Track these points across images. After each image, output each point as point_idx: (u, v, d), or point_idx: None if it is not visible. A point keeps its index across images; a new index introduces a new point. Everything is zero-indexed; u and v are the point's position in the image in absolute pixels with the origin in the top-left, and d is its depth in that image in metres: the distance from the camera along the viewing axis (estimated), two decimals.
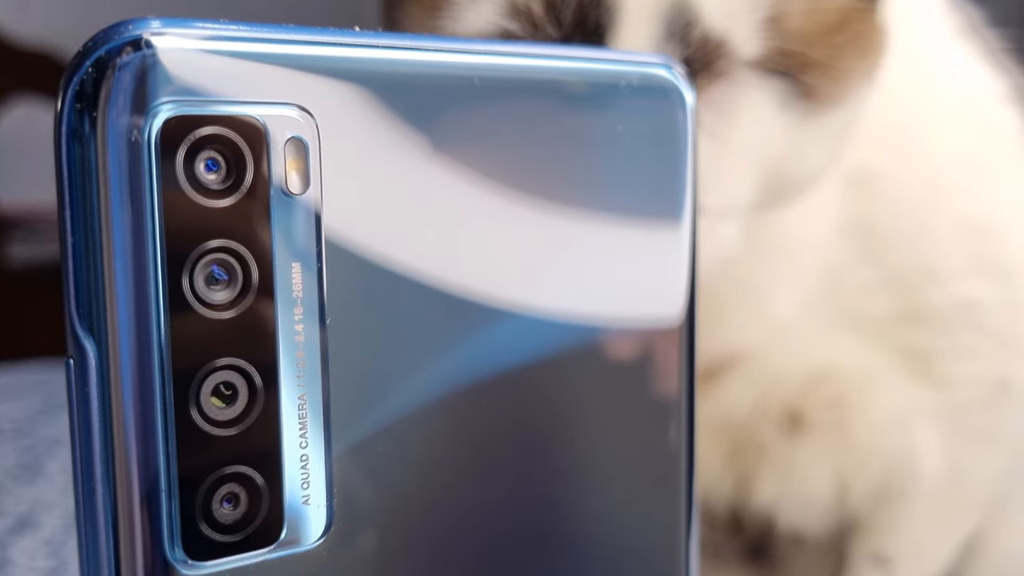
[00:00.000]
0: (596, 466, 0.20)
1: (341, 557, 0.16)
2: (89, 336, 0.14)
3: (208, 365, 0.15)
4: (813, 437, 0.41)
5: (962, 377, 0.39)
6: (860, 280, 0.37)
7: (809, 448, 0.41)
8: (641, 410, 0.20)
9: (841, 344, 0.38)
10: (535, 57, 0.18)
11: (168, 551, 0.15)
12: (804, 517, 0.43)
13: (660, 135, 0.20)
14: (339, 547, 0.16)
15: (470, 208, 0.17)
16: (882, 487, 0.41)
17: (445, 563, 0.18)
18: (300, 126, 0.15)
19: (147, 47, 0.14)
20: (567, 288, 0.19)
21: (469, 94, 0.17)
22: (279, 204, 0.15)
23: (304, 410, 0.16)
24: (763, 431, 0.41)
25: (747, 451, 0.42)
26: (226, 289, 0.15)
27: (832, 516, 0.42)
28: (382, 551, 0.17)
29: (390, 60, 0.16)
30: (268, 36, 0.15)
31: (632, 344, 0.20)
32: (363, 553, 0.16)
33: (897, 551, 0.41)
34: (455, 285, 0.17)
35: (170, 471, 0.15)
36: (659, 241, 0.20)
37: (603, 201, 0.19)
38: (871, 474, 0.41)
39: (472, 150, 0.17)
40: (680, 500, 0.21)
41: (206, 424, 0.15)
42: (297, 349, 0.16)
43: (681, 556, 0.21)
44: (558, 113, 0.18)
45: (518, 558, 0.19)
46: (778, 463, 0.42)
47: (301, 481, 0.16)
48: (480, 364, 0.18)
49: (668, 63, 0.20)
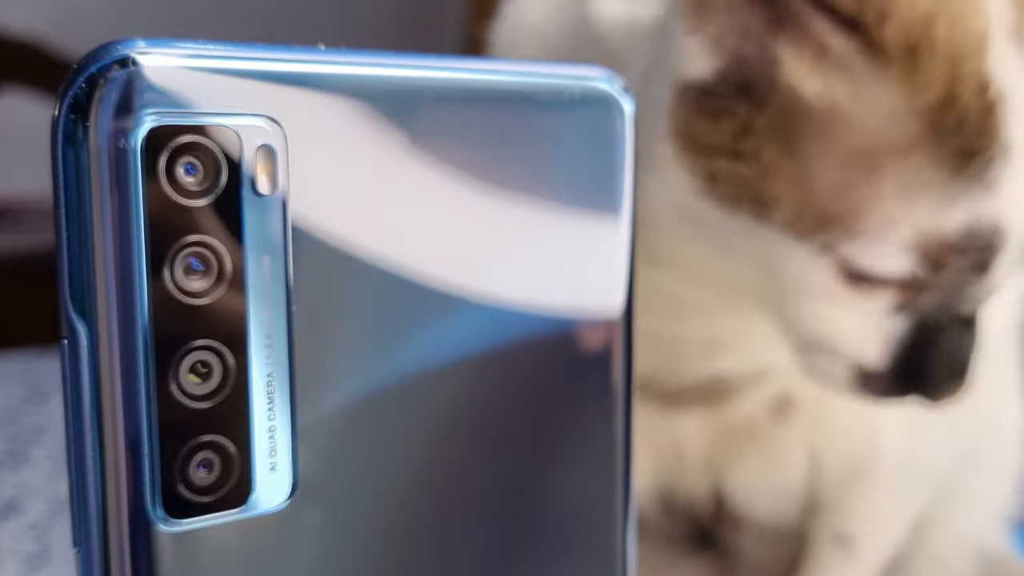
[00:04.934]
0: (540, 450, 0.21)
1: (303, 518, 0.18)
2: (81, 319, 0.16)
3: (186, 346, 0.17)
4: (798, 419, 0.42)
5: None
6: None
7: (792, 430, 0.42)
8: (584, 397, 0.22)
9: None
10: (486, 72, 0.20)
11: (150, 510, 0.16)
12: (776, 501, 0.44)
13: (601, 141, 0.21)
14: (302, 509, 0.18)
15: (426, 204, 0.19)
16: (850, 467, 0.42)
17: (396, 528, 0.19)
18: (269, 134, 0.17)
19: (133, 64, 0.16)
20: (515, 282, 0.20)
21: (425, 103, 0.19)
22: (250, 203, 0.17)
23: (272, 387, 0.17)
24: (755, 416, 0.42)
25: (733, 435, 0.43)
26: (203, 279, 0.17)
27: (801, 499, 0.44)
28: (340, 514, 0.19)
29: (352, 75, 0.18)
30: (241, 54, 0.17)
31: (576, 334, 0.22)
32: (323, 515, 0.18)
33: (858, 530, 0.43)
34: (412, 275, 0.19)
35: (152, 439, 0.16)
36: (601, 237, 0.22)
37: (549, 201, 0.21)
38: (842, 454, 0.42)
39: (428, 152, 0.19)
40: (617, 486, 0.22)
41: (184, 398, 0.17)
42: (266, 332, 0.17)
43: (618, 540, 0.23)
44: (509, 120, 0.20)
45: (467, 531, 0.20)
46: (762, 446, 0.43)
47: (269, 450, 0.18)
48: (432, 351, 0.19)
49: (609, 76, 0.21)
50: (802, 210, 0.29)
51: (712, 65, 0.30)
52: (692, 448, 0.43)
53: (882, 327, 0.31)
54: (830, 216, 0.29)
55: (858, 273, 0.30)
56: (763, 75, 0.29)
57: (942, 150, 0.28)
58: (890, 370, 0.32)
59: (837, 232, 0.29)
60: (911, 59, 0.28)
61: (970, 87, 0.28)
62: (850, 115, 0.28)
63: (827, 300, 0.31)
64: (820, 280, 0.30)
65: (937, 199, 0.28)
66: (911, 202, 0.28)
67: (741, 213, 0.30)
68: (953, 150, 0.28)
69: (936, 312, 0.31)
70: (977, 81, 0.28)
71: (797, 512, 0.44)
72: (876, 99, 0.28)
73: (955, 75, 0.28)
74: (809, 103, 0.28)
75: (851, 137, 0.29)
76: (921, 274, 0.29)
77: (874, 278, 0.30)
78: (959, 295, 0.30)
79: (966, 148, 0.28)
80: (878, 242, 0.29)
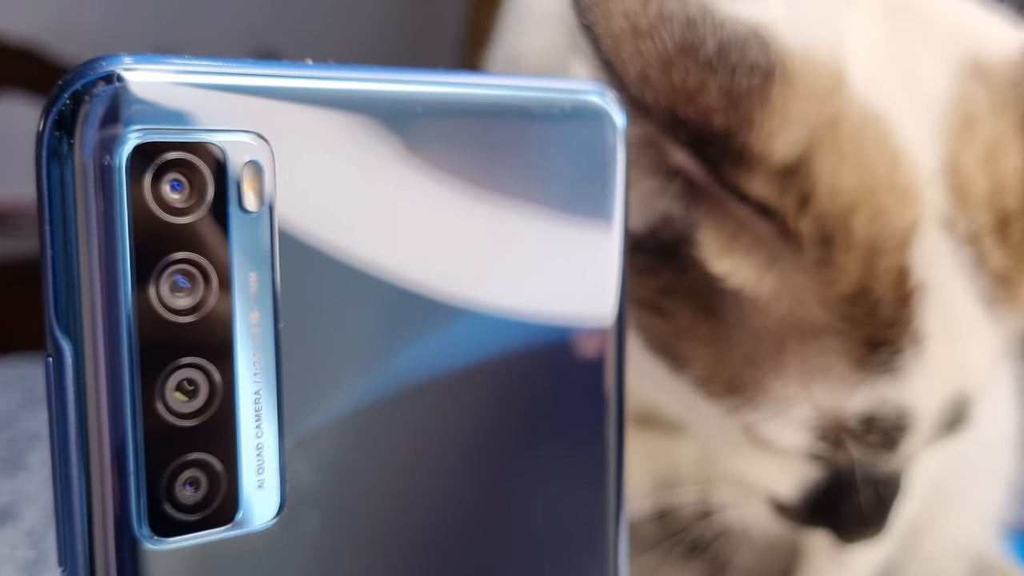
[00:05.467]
0: (532, 460, 0.21)
1: (291, 536, 0.18)
2: (66, 337, 0.16)
3: (172, 363, 0.16)
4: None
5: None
6: None
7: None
8: (576, 406, 0.22)
9: None
10: (477, 86, 0.20)
11: (136, 528, 0.16)
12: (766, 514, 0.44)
13: (593, 153, 0.21)
14: (290, 527, 0.18)
15: (416, 218, 0.19)
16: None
17: (386, 543, 0.19)
18: (256, 150, 0.17)
19: (118, 81, 0.16)
20: (507, 293, 0.20)
21: (415, 117, 0.19)
22: (237, 220, 0.17)
23: (260, 404, 0.17)
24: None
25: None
26: (189, 296, 0.17)
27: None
28: (329, 532, 0.18)
29: (340, 89, 0.18)
30: (228, 69, 0.17)
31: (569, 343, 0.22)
32: (311, 533, 0.18)
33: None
34: (402, 289, 0.19)
35: (138, 457, 0.16)
36: (593, 247, 0.22)
37: (542, 213, 0.21)
38: None
39: (418, 166, 0.19)
40: (610, 495, 0.22)
41: (170, 416, 0.17)
42: (253, 349, 0.17)
43: (611, 550, 0.22)
44: (501, 134, 0.20)
45: (457, 545, 0.20)
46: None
47: (256, 467, 0.17)
48: (422, 363, 0.19)
49: (600, 90, 0.21)
50: (711, 373, 0.30)
51: (643, 221, 0.30)
52: (687, 467, 0.43)
53: (797, 470, 0.32)
54: (735, 384, 0.30)
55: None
56: (687, 240, 0.29)
57: (848, 338, 0.28)
58: (803, 509, 0.33)
59: (740, 400, 0.30)
60: (825, 249, 0.28)
61: (885, 280, 0.28)
62: (758, 295, 0.29)
63: (738, 449, 0.32)
64: (730, 433, 0.31)
65: (839, 383, 0.29)
66: (811, 384, 0.29)
67: (661, 362, 0.31)
68: (860, 339, 0.28)
69: (848, 471, 0.31)
70: (893, 274, 0.28)
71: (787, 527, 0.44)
72: (786, 283, 0.28)
73: (870, 268, 0.28)
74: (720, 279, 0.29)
75: (759, 315, 0.29)
76: (820, 452, 0.30)
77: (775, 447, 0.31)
78: (870, 464, 0.31)
79: (873, 338, 0.28)
80: (776, 416, 0.29)
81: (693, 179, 0.29)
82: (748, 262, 0.29)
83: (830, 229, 0.27)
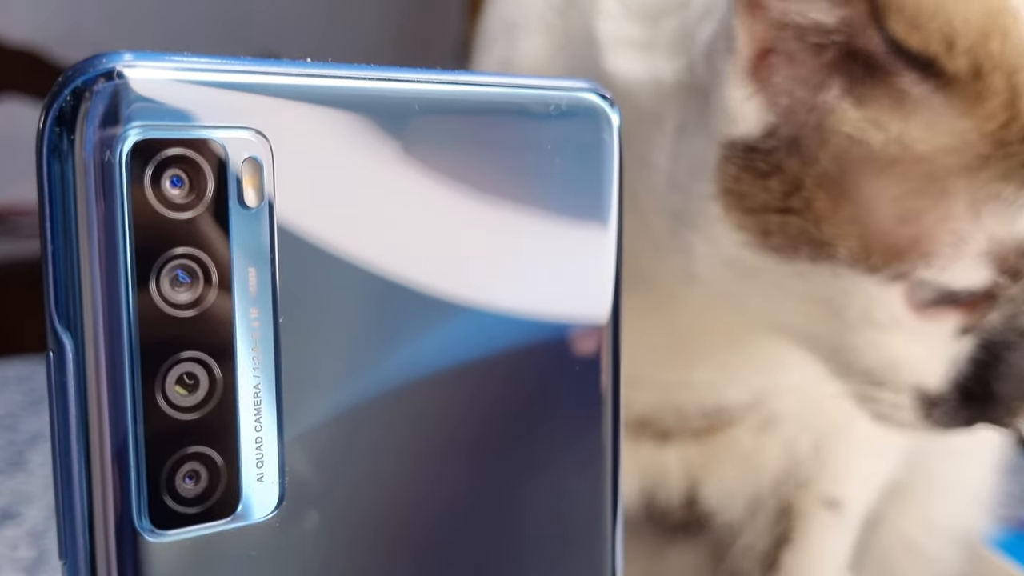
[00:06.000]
0: (529, 456, 0.21)
1: (291, 529, 0.18)
2: (67, 332, 0.16)
3: (172, 357, 0.17)
4: (777, 431, 0.43)
5: None
6: None
7: (770, 440, 0.43)
8: (571, 403, 0.22)
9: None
10: (473, 84, 0.20)
11: (136, 521, 0.16)
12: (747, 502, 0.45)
13: (589, 150, 0.21)
14: (289, 520, 0.18)
15: (414, 214, 0.19)
16: (823, 436, 0.43)
17: (385, 537, 0.20)
18: (255, 147, 0.17)
19: (119, 78, 0.16)
20: (503, 289, 0.21)
21: (413, 114, 0.19)
22: (237, 215, 0.17)
23: (259, 397, 0.18)
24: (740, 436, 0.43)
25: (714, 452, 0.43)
26: (189, 290, 0.17)
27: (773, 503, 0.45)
28: (328, 525, 0.19)
29: (338, 87, 0.18)
30: (228, 67, 0.17)
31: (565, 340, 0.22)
32: (311, 526, 0.18)
33: (845, 492, 0.44)
34: (400, 285, 0.19)
35: (138, 450, 0.16)
36: (588, 245, 0.22)
37: (538, 210, 0.21)
38: (815, 432, 0.43)
39: (416, 162, 0.19)
40: (606, 490, 0.22)
41: (171, 409, 0.17)
42: (253, 344, 0.17)
43: (607, 544, 0.23)
44: (496, 131, 0.20)
45: (455, 539, 0.20)
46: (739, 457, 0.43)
47: (256, 460, 0.18)
48: (420, 359, 0.20)
49: (595, 88, 0.22)
50: (867, 246, 0.30)
51: (761, 122, 0.30)
52: (675, 467, 0.44)
53: (948, 351, 0.32)
54: (900, 246, 0.30)
55: (930, 298, 0.31)
56: (813, 128, 0.30)
57: (1010, 162, 0.29)
58: (955, 395, 0.32)
59: (911, 259, 0.30)
60: (977, 80, 0.28)
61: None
62: (917, 150, 0.29)
63: (893, 329, 0.31)
64: (887, 310, 0.31)
65: (1009, 208, 0.29)
66: (983, 215, 0.29)
67: (797, 259, 0.31)
68: (1020, 161, 0.29)
69: (1003, 330, 0.31)
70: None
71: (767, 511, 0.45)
72: (944, 128, 0.29)
73: (1013, 88, 0.29)
74: (870, 148, 0.29)
75: (917, 169, 0.29)
76: (1002, 283, 0.30)
77: (954, 297, 0.31)
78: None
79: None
80: (954, 260, 0.29)
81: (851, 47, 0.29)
82: (910, 121, 0.29)
83: (978, 59, 0.28)
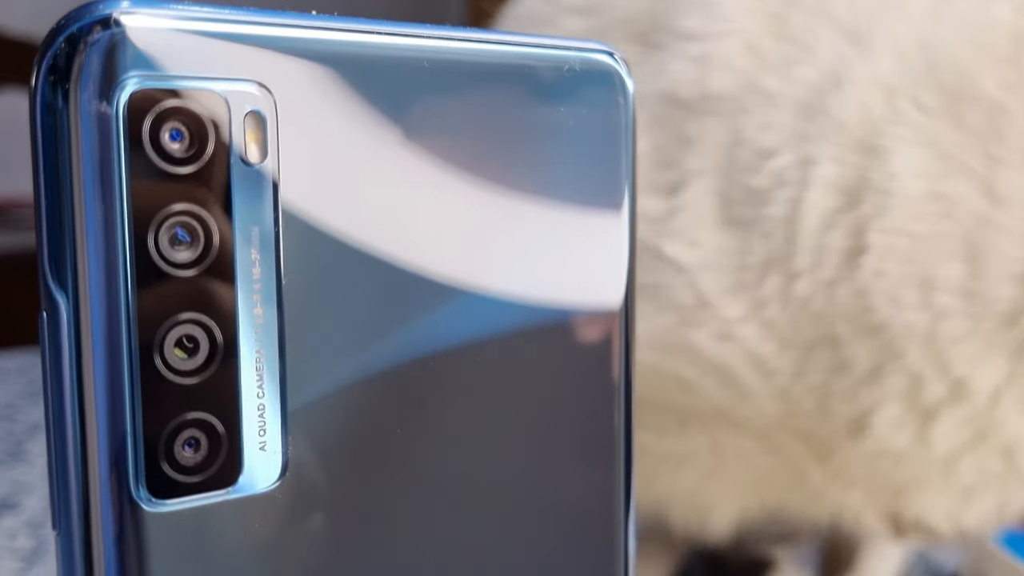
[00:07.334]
0: (539, 442, 0.21)
1: (293, 500, 0.17)
2: (61, 290, 0.15)
3: (172, 319, 0.16)
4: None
5: None
6: None
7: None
8: (583, 390, 0.21)
9: None
10: (483, 42, 0.19)
11: (133, 490, 0.16)
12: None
13: (602, 120, 0.21)
14: (292, 491, 0.17)
15: (421, 181, 0.19)
16: None
17: (389, 511, 0.19)
18: (259, 100, 0.16)
19: (116, 25, 0.15)
20: (512, 269, 0.20)
21: (421, 75, 0.18)
22: (238, 172, 0.16)
23: (261, 364, 0.17)
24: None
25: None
26: (189, 249, 0.16)
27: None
28: (332, 498, 0.18)
29: (345, 41, 0.18)
30: (230, 17, 0.16)
31: (575, 326, 0.21)
32: (314, 498, 0.18)
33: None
34: (406, 256, 0.18)
35: (135, 416, 0.16)
36: (600, 225, 0.21)
37: (547, 184, 0.20)
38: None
39: (423, 128, 0.18)
40: (619, 479, 0.22)
41: (170, 373, 0.16)
42: (255, 307, 0.17)
43: (619, 534, 0.22)
44: (506, 95, 0.19)
45: (463, 518, 0.20)
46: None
47: (258, 429, 0.17)
48: (429, 337, 0.19)
49: (610, 49, 0.21)
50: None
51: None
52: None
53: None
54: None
55: None
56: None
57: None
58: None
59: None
60: None
61: None
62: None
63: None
64: None
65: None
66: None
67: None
68: None
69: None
70: None
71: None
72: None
73: None
74: None
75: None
76: None
77: None
78: None
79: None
80: None
81: None
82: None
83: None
